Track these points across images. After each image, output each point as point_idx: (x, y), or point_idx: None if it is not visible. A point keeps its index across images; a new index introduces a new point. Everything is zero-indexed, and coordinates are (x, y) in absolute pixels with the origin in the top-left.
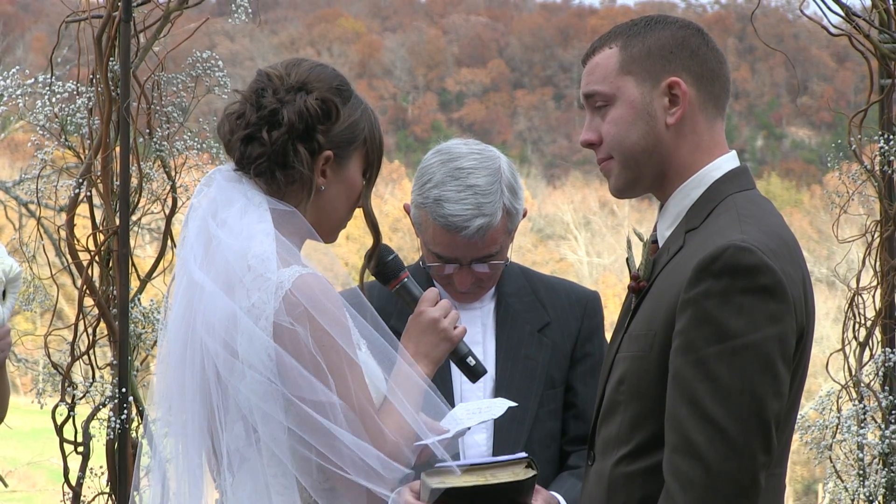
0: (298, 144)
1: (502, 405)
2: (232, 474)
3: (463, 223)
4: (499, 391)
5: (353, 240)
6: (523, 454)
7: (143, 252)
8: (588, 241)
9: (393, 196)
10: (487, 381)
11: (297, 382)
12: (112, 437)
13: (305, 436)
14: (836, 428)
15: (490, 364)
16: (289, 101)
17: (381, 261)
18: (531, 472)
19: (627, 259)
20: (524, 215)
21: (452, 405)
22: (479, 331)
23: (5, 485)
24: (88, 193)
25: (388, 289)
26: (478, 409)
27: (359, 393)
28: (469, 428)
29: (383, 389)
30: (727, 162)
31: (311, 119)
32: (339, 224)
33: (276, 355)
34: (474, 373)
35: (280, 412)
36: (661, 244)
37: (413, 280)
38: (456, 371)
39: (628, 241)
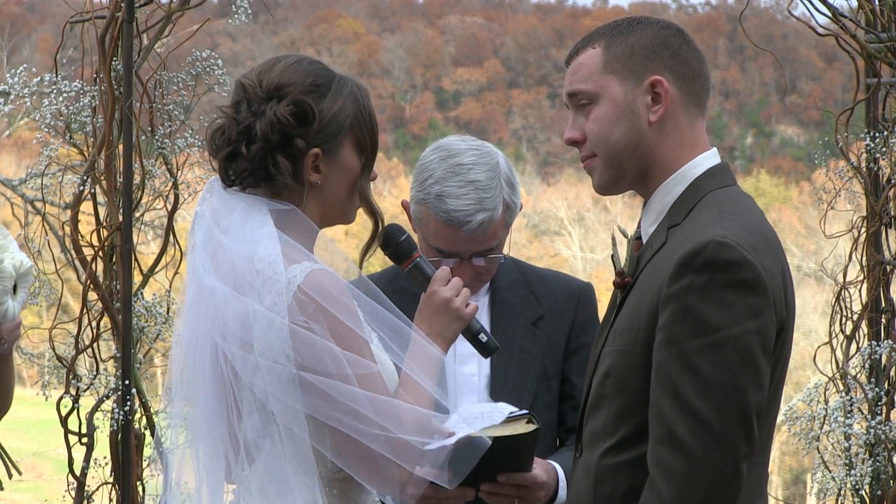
0: (278, 155)
1: (504, 410)
2: (250, 464)
3: (465, 218)
4: (494, 384)
5: (353, 235)
6: (524, 410)
7: (147, 248)
8: (582, 236)
9: (391, 193)
10: (483, 375)
11: (320, 359)
12: (115, 428)
13: (329, 420)
14: (824, 419)
15: (486, 359)
16: (262, 112)
17: (394, 240)
18: (532, 426)
19: (612, 256)
20: (520, 209)
21: (447, 392)
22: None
23: (19, 472)
24: (92, 190)
25: (402, 268)
26: (480, 413)
27: (372, 382)
28: (469, 434)
29: (394, 382)
30: (708, 159)
31: (285, 128)
32: (348, 206)
33: (294, 345)
34: (487, 349)
35: (299, 403)
36: (644, 240)
37: (425, 259)
38: (449, 360)
39: (613, 238)
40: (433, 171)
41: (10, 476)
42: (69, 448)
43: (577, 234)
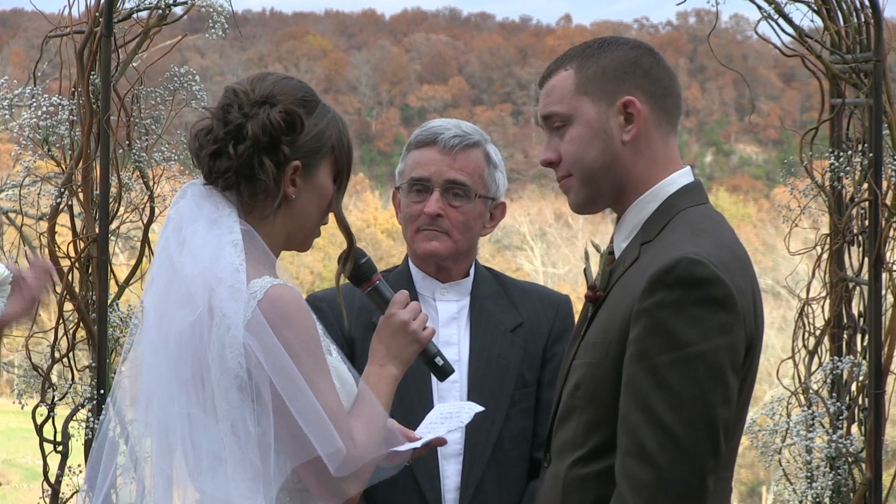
0: (264, 157)
1: (471, 411)
2: (211, 475)
3: (441, 130)
4: (472, 390)
5: (318, 249)
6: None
7: (117, 259)
8: (544, 251)
9: (356, 207)
10: (462, 380)
11: (272, 374)
12: (90, 436)
13: (275, 439)
14: (786, 433)
15: (464, 363)
16: (253, 115)
17: (354, 263)
18: None
19: (585, 269)
20: (501, 212)
21: (430, 401)
22: (454, 332)
23: None
24: (69, 202)
25: (361, 291)
26: (449, 413)
27: (327, 398)
28: (439, 436)
29: (354, 392)
30: (682, 177)
31: (275, 131)
32: (313, 231)
33: (247, 358)
34: (442, 372)
35: (250, 418)
36: (617, 256)
37: (385, 283)
38: None
39: (586, 253)
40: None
41: None
42: (44, 456)
43: (539, 249)
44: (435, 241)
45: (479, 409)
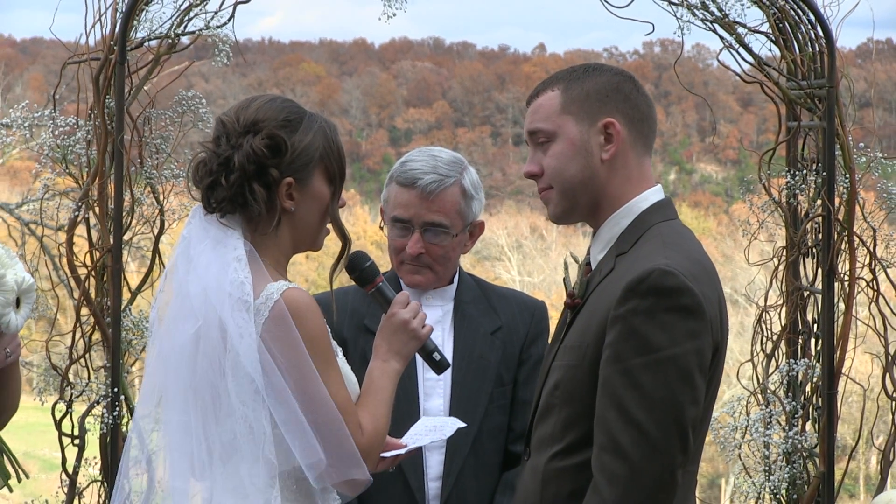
0: (254, 184)
1: (454, 426)
2: (223, 464)
3: (419, 175)
4: (455, 387)
5: (313, 259)
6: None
7: (129, 268)
8: (520, 262)
9: (347, 221)
10: (446, 378)
11: (286, 375)
12: (105, 431)
13: (287, 436)
14: (746, 429)
15: (438, 375)
16: (238, 146)
17: (358, 266)
18: None
19: (564, 279)
20: (480, 230)
21: (416, 397)
22: (438, 334)
23: (27, 476)
24: (86, 215)
25: (365, 292)
26: (434, 426)
27: (339, 394)
28: (422, 446)
29: (357, 392)
30: (654, 194)
31: (260, 158)
32: (318, 232)
33: (262, 366)
34: (440, 366)
35: (266, 417)
36: (593, 266)
37: (387, 284)
38: (418, 366)
39: (565, 263)
40: (408, 155)
41: (18, 480)
42: (62, 448)
43: (516, 259)
44: (418, 275)
45: (462, 424)
